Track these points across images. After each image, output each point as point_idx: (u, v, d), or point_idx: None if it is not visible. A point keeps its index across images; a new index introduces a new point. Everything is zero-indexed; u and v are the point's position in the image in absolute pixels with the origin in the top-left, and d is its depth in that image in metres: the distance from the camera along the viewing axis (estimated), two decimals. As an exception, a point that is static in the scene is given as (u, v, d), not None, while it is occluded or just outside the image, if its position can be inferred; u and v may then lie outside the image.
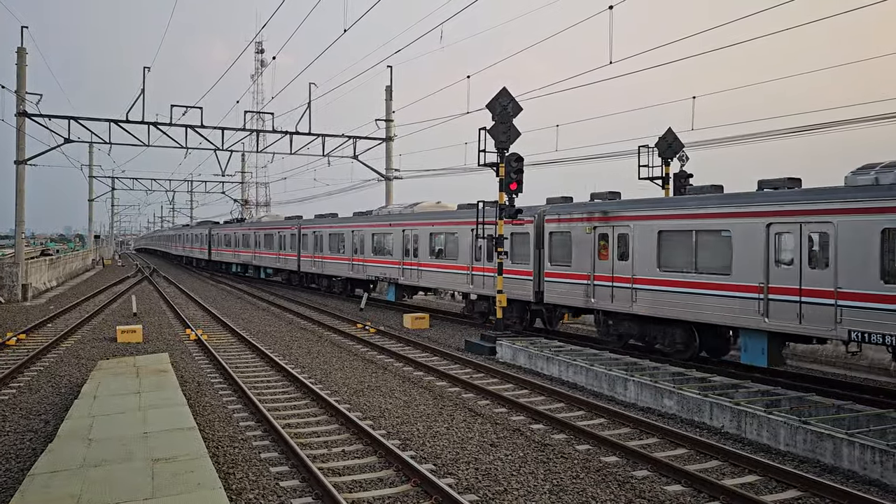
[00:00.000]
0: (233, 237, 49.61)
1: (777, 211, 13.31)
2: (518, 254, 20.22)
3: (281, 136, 36.51)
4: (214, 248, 54.83)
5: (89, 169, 73.32)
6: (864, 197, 11.91)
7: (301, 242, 36.85)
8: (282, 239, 39.62)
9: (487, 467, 9.22)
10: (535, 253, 19.55)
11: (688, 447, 10.11)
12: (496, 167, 18.37)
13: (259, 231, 43.86)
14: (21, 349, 18.40)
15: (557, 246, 18.79)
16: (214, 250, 54.87)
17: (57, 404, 12.46)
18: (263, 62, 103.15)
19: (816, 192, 12.82)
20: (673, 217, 15.49)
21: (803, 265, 12.79)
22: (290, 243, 38.27)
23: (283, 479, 8.70)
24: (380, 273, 28.57)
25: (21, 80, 32.66)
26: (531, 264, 19.67)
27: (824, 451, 9.34)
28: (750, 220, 13.75)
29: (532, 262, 19.63)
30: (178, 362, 16.61)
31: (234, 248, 49.18)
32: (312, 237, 35.31)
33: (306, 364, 16.82)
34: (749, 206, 13.88)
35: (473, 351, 18.53)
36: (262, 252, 43.20)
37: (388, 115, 38.10)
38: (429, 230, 25.17)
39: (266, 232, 42.34)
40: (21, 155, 33.08)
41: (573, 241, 18.05)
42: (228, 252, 50.65)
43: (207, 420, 11.36)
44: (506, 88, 18.39)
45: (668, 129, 20.32)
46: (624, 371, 13.67)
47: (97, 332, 22.10)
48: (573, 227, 18.08)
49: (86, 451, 8.34)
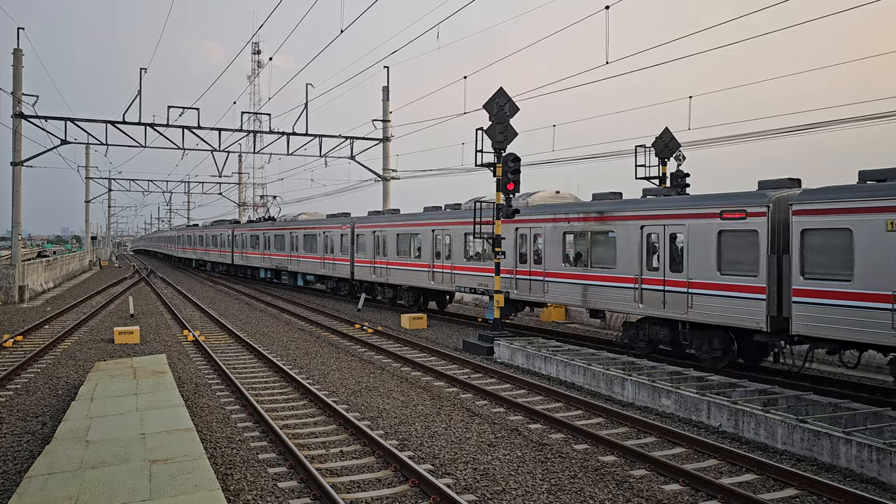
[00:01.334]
0: (262, 238, 42.77)
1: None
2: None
3: (278, 137, 36.48)
4: (238, 251, 48.15)
5: (86, 170, 73.29)
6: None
7: (355, 244, 30.73)
8: (328, 240, 33.31)
9: (486, 467, 9.22)
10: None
11: (686, 446, 10.13)
12: (493, 167, 18.38)
13: (297, 231, 37.09)
14: (18, 351, 18.36)
15: None
16: (238, 253, 48.07)
17: (54, 406, 12.44)
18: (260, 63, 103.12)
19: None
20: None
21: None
22: (339, 245, 32.10)
23: (281, 479, 8.70)
24: (476, 284, 22.10)
25: (17, 82, 32.61)
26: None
27: (821, 450, 9.37)
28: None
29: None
30: (176, 363, 16.59)
31: (263, 250, 42.63)
32: (372, 238, 28.95)
33: (304, 365, 16.81)
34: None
35: (471, 351, 18.54)
36: (300, 255, 36.64)
37: (385, 115, 38.10)
38: (562, 228, 18.60)
39: (307, 232, 35.85)
40: (17, 156, 33.03)
41: None
42: (256, 255, 44.14)
43: (205, 421, 11.35)
44: (503, 89, 18.41)
45: (664, 129, 20.33)
46: (622, 370, 13.68)
47: (94, 333, 22.07)
48: None
49: (83, 452, 8.33)
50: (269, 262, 42.13)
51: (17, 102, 32.20)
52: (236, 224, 52.38)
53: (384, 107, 38.15)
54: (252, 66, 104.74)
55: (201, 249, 59.34)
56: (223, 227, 54.15)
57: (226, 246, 51.23)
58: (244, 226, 49.03)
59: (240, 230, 48.35)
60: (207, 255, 57.35)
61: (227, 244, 50.99)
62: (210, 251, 56.25)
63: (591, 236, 17.81)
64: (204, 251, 58.22)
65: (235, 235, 48.91)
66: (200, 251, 59.84)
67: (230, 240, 50.15)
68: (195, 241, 62.25)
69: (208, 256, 57.06)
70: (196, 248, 61.85)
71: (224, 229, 52.40)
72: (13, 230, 34.58)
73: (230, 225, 52.57)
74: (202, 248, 58.83)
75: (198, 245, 60.91)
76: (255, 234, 44.35)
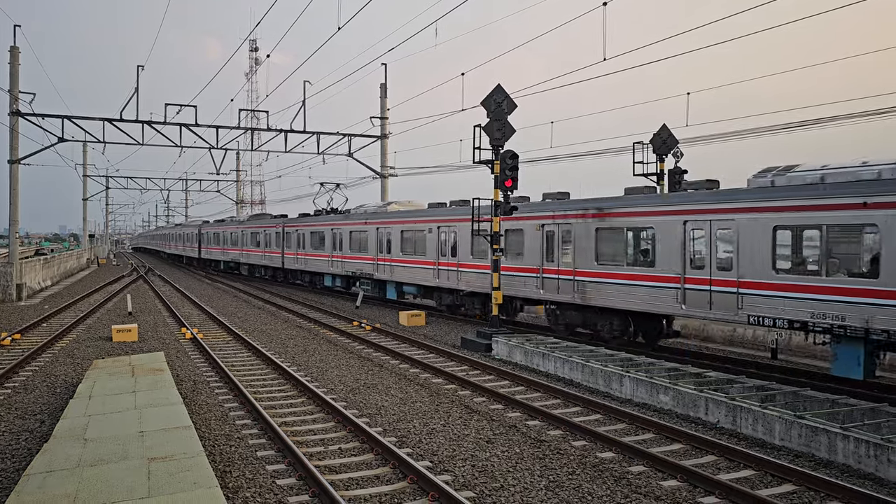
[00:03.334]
0: (330, 236, 33.14)
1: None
2: None
3: (276, 135, 36.43)
4: (291, 251, 38.33)
5: (83, 168, 73.17)
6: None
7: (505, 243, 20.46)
8: (445, 236, 23.91)
9: (484, 464, 9.24)
10: None
11: (683, 442, 10.15)
12: (491, 164, 18.37)
13: (390, 227, 27.61)
14: (16, 349, 18.35)
15: None
16: (291, 254, 38.29)
17: (52, 404, 12.43)
18: (258, 60, 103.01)
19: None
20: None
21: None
22: (463, 244, 22.62)
23: (279, 477, 8.70)
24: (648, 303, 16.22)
25: (14, 80, 32.52)
26: None
27: (819, 446, 9.39)
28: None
29: None
30: (174, 361, 16.58)
31: (332, 251, 32.88)
32: (558, 232, 19.08)
33: (303, 362, 16.81)
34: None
35: (469, 348, 18.55)
36: (398, 259, 26.86)
37: (383, 112, 38.05)
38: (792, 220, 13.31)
39: (407, 227, 26.41)
40: (15, 154, 32.97)
41: None
42: (320, 258, 34.25)
43: (203, 419, 11.35)
44: (500, 85, 18.39)
45: (662, 126, 20.34)
46: (620, 367, 13.70)
47: (92, 331, 22.05)
48: None
49: (82, 450, 8.33)
50: (341, 267, 32.07)
51: (15, 100, 32.13)
52: (285, 219, 41.11)
53: (382, 104, 38.10)
54: (250, 63, 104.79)
55: (235, 249, 49.22)
56: (265, 221, 44.37)
57: (272, 245, 41.54)
58: (299, 220, 38.28)
59: (293, 225, 38.27)
60: (245, 257, 47.11)
61: (273, 243, 41.34)
62: (250, 251, 45.92)
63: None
64: (239, 251, 48.03)
65: (288, 232, 38.78)
66: (233, 251, 49.56)
67: (279, 237, 40.21)
68: (225, 238, 51.83)
69: (246, 258, 46.89)
70: (227, 247, 51.47)
71: (268, 224, 42.62)
72: (11, 228, 34.52)
73: (277, 219, 42.48)
74: (236, 248, 48.82)
75: (229, 244, 50.61)
76: (318, 229, 34.85)
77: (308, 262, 36.08)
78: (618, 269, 16.98)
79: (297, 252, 37.41)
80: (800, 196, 12.86)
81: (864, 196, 11.86)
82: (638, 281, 16.35)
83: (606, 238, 17.44)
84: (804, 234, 13.09)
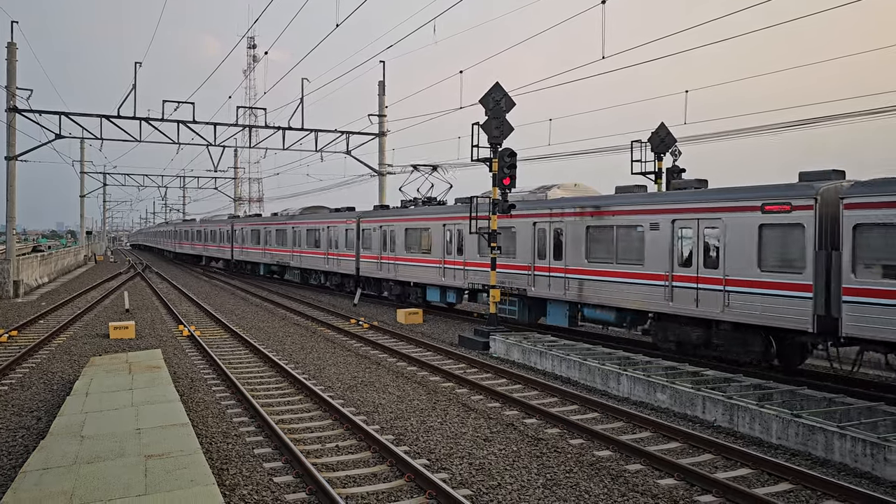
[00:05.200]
0: (421, 237, 25.45)
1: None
2: None
3: (273, 132, 36.35)
4: (370, 255, 29.09)
5: (81, 165, 73.03)
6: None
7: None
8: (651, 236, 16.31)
9: (481, 462, 9.24)
10: None
11: (681, 441, 10.16)
12: (489, 162, 18.36)
13: (557, 220, 19.06)
14: (13, 346, 18.31)
15: None
16: (371, 257, 28.96)
17: (49, 401, 12.41)
18: (256, 57, 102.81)
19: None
20: None
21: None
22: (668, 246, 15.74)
23: (276, 474, 8.69)
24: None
25: (11, 76, 32.41)
26: None
27: (816, 444, 9.40)
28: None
29: None
30: (171, 358, 16.56)
31: (446, 255, 23.86)
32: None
33: (300, 360, 16.80)
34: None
35: (467, 346, 18.55)
36: (585, 270, 18.06)
37: (381, 110, 37.99)
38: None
39: (571, 220, 18.53)
40: (12, 151, 32.88)
41: None
42: (415, 264, 25.62)
43: (201, 416, 11.33)
44: (499, 83, 18.37)
45: (660, 124, 20.34)
46: (617, 366, 13.71)
47: (89, 328, 22.02)
48: None
49: (78, 447, 8.31)
50: (450, 278, 23.56)
51: (12, 96, 32.04)
52: (358, 212, 32.22)
53: (380, 101, 38.03)
54: (247, 60, 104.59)
55: (281, 250, 39.45)
56: (325, 215, 35.58)
57: (340, 245, 32.02)
58: (380, 213, 29.23)
59: (375, 220, 28.74)
60: (297, 260, 37.24)
61: (341, 243, 31.92)
62: (304, 253, 36.01)
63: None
64: (290, 252, 37.98)
65: (366, 228, 29.67)
66: (282, 252, 39.35)
67: (352, 236, 30.87)
68: (269, 236, 41.56)
69: (299, 261, 37.02)
70: (270, 246, 41.34)
71: (333, 219, 33.35)
72: (8, 225, 34.43)
73: (341, 213, 33.99)
74: (283, 249, 39.04)
75: (274, 243, 40.57)
76: (413, 225, 25.82)
77: (399, 268, 26.66)
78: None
79: (383, 255, 27.85)
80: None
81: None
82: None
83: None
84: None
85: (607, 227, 17.34)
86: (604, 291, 17.33)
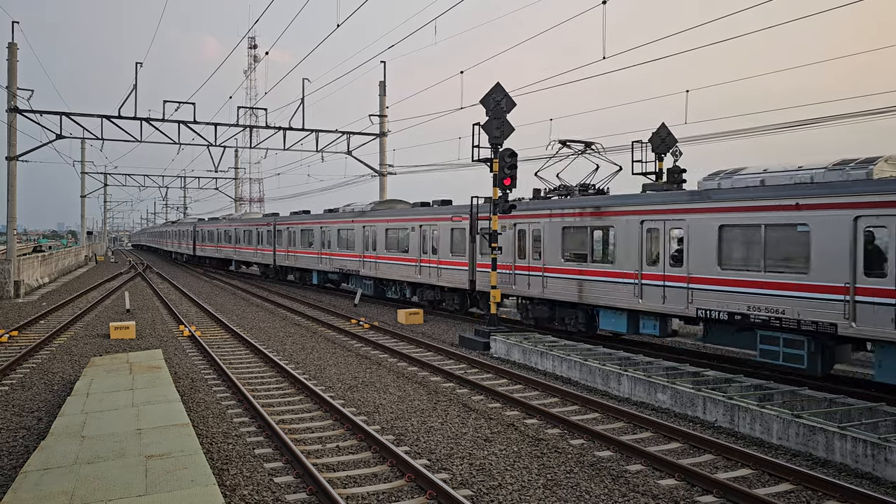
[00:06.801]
0: (592, 237, 17.68)
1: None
2: None
3: (274, 132, 36.40)
4: (524, 266, 20.10)
5: (81, 165, 73.10)
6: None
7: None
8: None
9: (482, 462, 9.23)
10: None
11: (681, 441, 10.15)
12: (490, 162, 18.36)
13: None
14: (13, 346, 18.32)
15: None
16: (521, 268, 20.20)
17: (50, 401, 12.42)
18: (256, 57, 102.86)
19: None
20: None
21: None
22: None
23: (277, 474, 8.69)
24: None
25: (12, 76, 32.44)
26: None
27: (817, 445, 9.40)
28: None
29: None
30: (172, 359, 16.57)
31: (629, 265, 16.36)
32: None
33: (300, 360, 16.80)
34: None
35: (468, 346, 18.55)
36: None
37: (382, 110, 38.02)
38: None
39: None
40: (12, 151, 32.91)
41: None
42: (593, 278, 17.42)
43: (201, 416, 11.34)
44: (499, 84, 18.38)
45: (661, 125, 20.32)
46: (618, 366, 13.70)
47: (90, 328, 22.02)
48: None
49: (79, 447, 8.32)
50: (682, 302, 14.99)
51: (13, 96, 32.06)
52: (484, 207, 20.82)
53: (381, 102, 38.06)
54: (248, 60, 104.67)
55: (350, 255, 30.49)
56: (413, 212, 26.39)
57: (443, 251, 23.81)
58: (531, 205, 20.02)
59: (534, 215, 19.73)
60: (370, 267, 28.73)
61: (445, 247, 23.73)
62: (389, 259, 27.29)
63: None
64: (359, 258, 29.62)
65: (523, 229, 20.16)
66: (346, 258, 30.93)
67: (468, 235, 22.47)
68: (329, 238, 32.78)
69: (378, 269, 28.17)
70: (328, 250, 32.71)
71: (430, 216, 24.85)
72: (8, 225, 34.44)
73: (457, 208, 23.60)
74: (352, 253, 30.31)
75: (338, 247, 31.85)
76: (596, 224, 17.61)
77: (560, 285, 18.51)
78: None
79: (517, 264, 20.17)
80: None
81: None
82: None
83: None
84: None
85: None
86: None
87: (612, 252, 17.29)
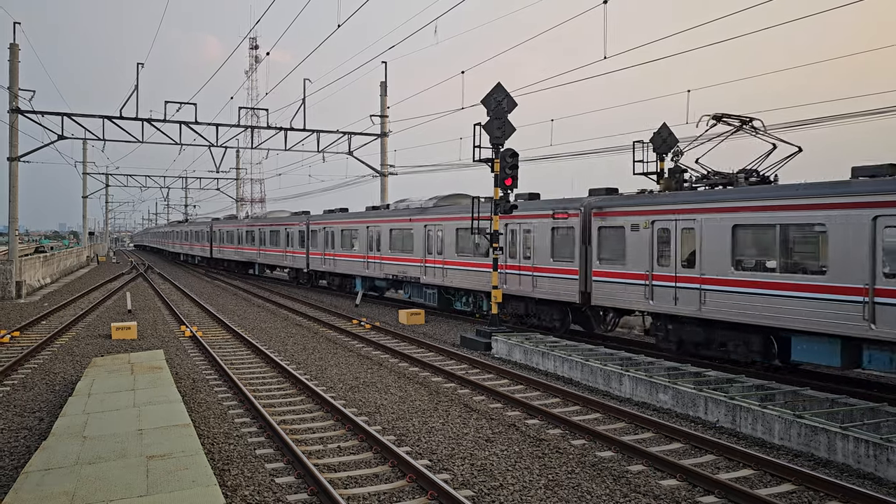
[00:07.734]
0: (765, 237, 13.74)
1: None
2: None
3: (275, 133, 36.41)
4: (612, 270, 16.77)
5: (83, 165, 73.15)
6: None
7: None
8: None
9: (483, 462, 9.23)
10: None
11: (683, 441, 10.14)
12: (491, 163, 18.35)
13: None
14: (15, 346, 18.34)
15: None
16: (630, 277, 16.21)
17: (51, 401, 12.43)
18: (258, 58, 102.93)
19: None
20: None
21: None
22: None
23: (278, 475, 8.69)
24: None
25: (14, 77, 32.49)
26: None
27: (818, 445, 9.38)
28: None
29: None
30: (173, 359, 16.58)
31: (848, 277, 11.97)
32: None
33: (302, 360, 16.80)
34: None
35: (469, 346, 18.54)
36: None
37: (383, 110, 38.02)
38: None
39: None
40: (14, 152, 32.96)
41: None
42: (784, 294, 12.97)
43: (202, 417, 11.34)
44: (500, 84, 18.36)
45: (662, 125, 20.29)
46: (619, 366, 13.69)
47: (92, 329, 22.04)
48: None
49: (80, 448, 8.32)
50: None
51: (14, 97, 32.10)
52: (605, 201, 17.47)
53: (382, 102, 38.06)
54: (249, 60, 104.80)
55: (408, 260, 26.18)
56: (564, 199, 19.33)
57: (541, 255, 19.47)
58: (663, 199, 15.97)
59: (641, 211, 16.28)
60: (433, 274, 24.53)
61: (545, 250, 19.34)
62: (460, 265, 23.00)
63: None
64: (420, 263, 25.29)
65: (649, 226, 15.93)
66: (402, 262, 26.58)
67: (578, 237, 18.14)
68: (378, 239, 28.42)
69: (446, 276, 23.80)
70: (376, 254, 28.50)
71: (523, 213, 19.97)
72: (10, 226, 34.48)
73: (561, 202, 19.12)
74: (410, 257, 25.98)
75: (390, 249, 27.56)
76: (792, 220, 13.05)
77: (723, 303, 14.23)
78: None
79: (654, 273, 15.71)
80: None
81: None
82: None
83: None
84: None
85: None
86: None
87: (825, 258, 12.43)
